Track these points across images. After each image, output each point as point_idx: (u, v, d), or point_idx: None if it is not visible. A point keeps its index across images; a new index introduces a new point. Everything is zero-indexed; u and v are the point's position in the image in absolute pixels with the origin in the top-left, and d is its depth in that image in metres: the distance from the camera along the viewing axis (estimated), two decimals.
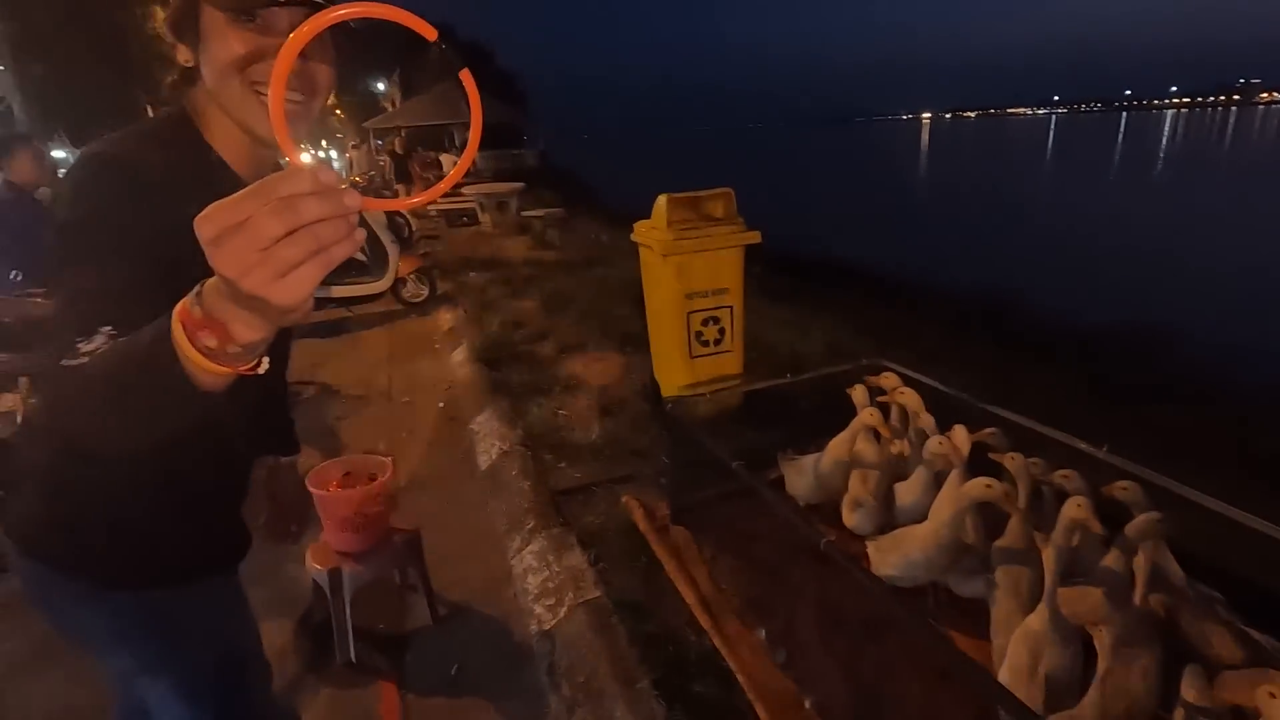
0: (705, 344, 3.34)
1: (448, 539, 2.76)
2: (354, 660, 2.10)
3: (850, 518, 2.26)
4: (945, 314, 8.13)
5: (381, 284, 6.16)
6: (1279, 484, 2.57)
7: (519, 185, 11.18)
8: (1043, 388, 4.89)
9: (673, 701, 1.78)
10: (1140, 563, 1.70)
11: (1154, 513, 1.75)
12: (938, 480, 2.17)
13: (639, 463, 3.06)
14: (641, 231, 3.39)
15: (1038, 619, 1.60)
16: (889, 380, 2.48)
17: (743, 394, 3.20)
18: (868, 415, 2.29)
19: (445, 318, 5.95)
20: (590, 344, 4.75)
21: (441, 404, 4.19)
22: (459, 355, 4.87)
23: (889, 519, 2.22)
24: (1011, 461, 2.00)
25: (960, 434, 2.22)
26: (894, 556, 1.96)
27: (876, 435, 2.32)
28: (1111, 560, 1.79)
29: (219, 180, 0.87)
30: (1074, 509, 1.72)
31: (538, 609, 2.27)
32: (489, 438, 3.53)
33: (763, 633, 2.02)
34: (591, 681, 1.91)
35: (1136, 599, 1.67)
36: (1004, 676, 1.60)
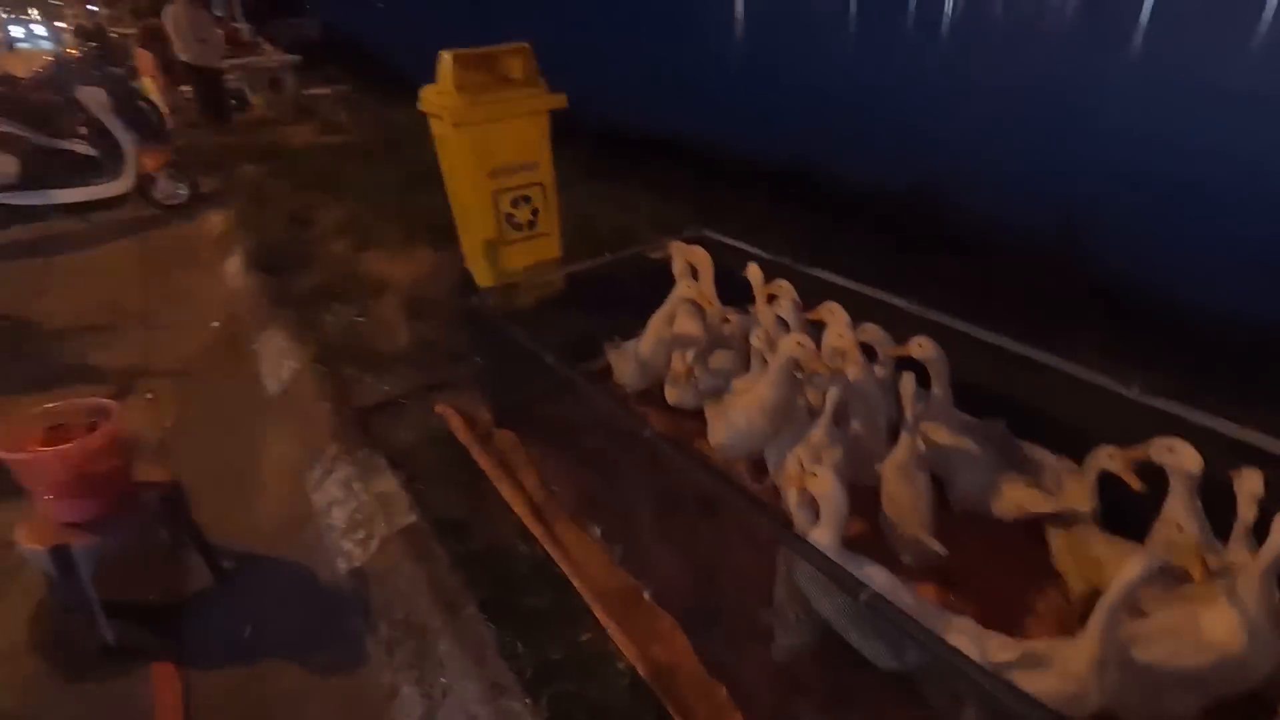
0: (518, 227, 3.01)
1: (234, 481, 2.35)
2: (112, 644, 1.73)
3: (671, 393, 2.17)
4: (764, 184, 8.26)
5: (120, 185, 5.01)
6: (1053, 319, 2.84)
7: (293, 58, 9.50)
8: (853, 246, 5.14)
9: (504, 622, 1.63)
10: (904, 391, 1.75)
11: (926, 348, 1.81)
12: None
13: (457, 367, 2.76)
14: (429, 99, 2.90)
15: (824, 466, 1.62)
16: (697, 254, 2.33)
17: (563, 279, 2.97)
18: (684, 288, 2.16)
19: (214, 221, 5.00)
20: (394, 239, 4.20)
21: (216, 324, 3.54)
22: (234, 264, 4.12)
23: (713, 391, 2.15)
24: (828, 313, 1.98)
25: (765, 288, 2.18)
26: (721, 424, 1.90)
27: (700, 310, 2.21)
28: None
29: None
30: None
31: (346, 545, 2.00)
32: (277, 357, 3.03)
33: (597, 531, 1.91)
34: (412, 616, 1.71)
35: (909, 430, 1.73)
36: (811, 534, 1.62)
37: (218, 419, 2.75)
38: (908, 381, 1.74)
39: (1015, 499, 1.69)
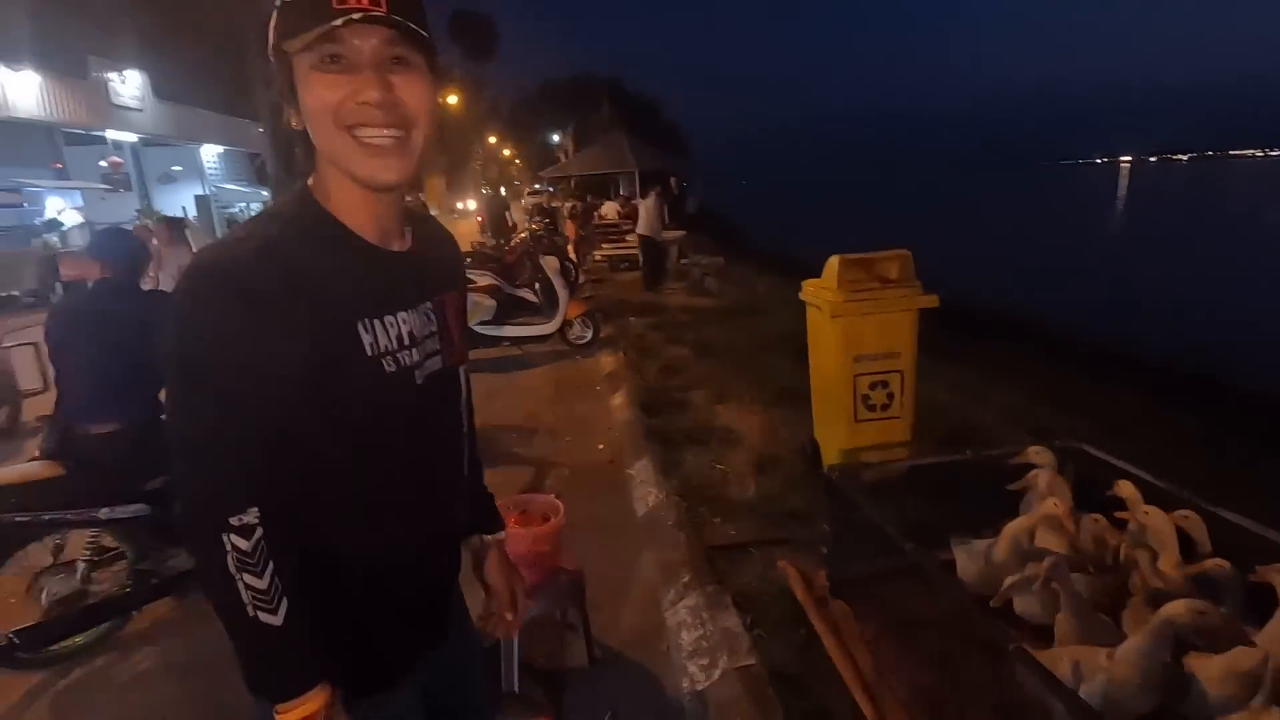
0: (872, 408, 3.22)
1: (604, 583, 2.84)
2: (517, 691, 2.23)
3: (1020, 604, 2.06)
4: (1139, 381, 7.21)
5: (551, 325, 6.59)
6: None
7: (681, 233, 11.53)
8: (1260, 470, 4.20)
9: None
10: None
11: None
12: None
13: (795, 525, 3.00)
14: (810, 291, 3.38)
15: None
16: (1056, 481, 2.24)
17: (910, 463, 3.05)
18: (1050, 505, 2.11)
19: (606, 361, 6.23)
20: (746, 396, 4.75)
21: (601, 446, 4.37)
22: (619, 399, 5.07)
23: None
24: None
25: (1168, 540, 1.96)
26: (1086, 680, 1.76)
27: (1063, 528, 2.12)
28: None
29: (345, 253, 0.85)
30: None
31: (691, 667, 2.29)
32: (646, 485, 3.63)
33: None
34: None
35: None
36: None
37: (595, 526, 3.37)
38: None
39: None
